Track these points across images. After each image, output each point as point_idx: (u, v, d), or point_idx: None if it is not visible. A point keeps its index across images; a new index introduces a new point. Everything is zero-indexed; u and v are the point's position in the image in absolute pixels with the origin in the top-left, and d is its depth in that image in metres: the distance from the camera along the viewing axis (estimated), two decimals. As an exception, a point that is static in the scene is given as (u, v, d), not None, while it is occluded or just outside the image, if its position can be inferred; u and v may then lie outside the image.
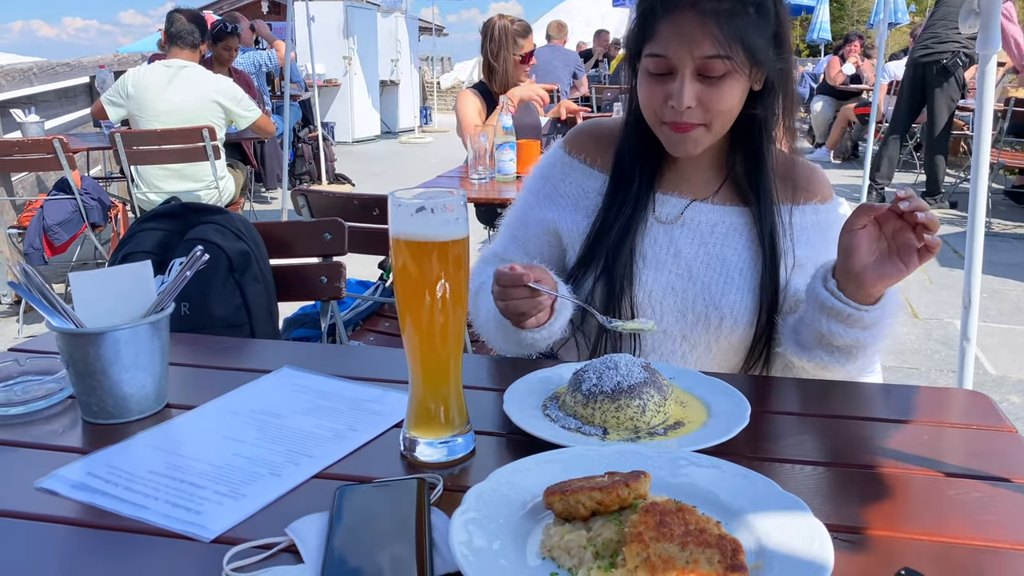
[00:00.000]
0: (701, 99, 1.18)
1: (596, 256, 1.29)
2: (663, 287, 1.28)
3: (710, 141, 1.24)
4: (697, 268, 1.28)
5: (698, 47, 1.14)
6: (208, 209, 1.68)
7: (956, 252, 5.54)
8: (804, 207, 1.31)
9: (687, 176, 1.33)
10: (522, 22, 3.65)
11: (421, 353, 0.92)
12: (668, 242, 1.29)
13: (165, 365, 1.08)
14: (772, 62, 1.20)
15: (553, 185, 1.39)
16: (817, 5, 16.83)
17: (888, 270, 1.08)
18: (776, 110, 1.26)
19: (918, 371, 3.54)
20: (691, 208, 1.30)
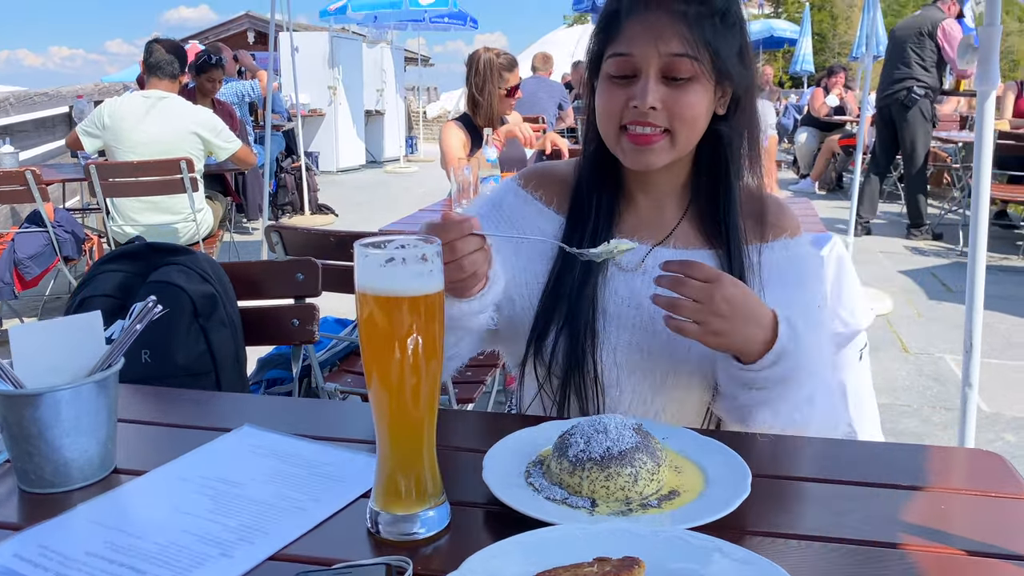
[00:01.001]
0: (666, 102, 1.11)
1: (558, 308, 1.18)
2: (627, 345, 1.18)
3: (672, 155, 1.15)
4: (660, 321, 1.16)
5: (666, 43, 1.09)
6: (173, 249, 1.59)
7: (944, 284, 5.52)
8: (773, 244, 1.22)
9: (647, 218, 1.24)
10: (508, 55, 3.60)
11: (390, 416, 0.84)
12: (629, 294, 1.19)
13: (112, 427, 0.99)
14: (738, 75, 1.15)
15: (504, 216, 1.27)
16: (800, 38, 17.04)
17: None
18: (741, 133, 1.19)
19: (911, 408, 3.48)
20: (652, 254, 1.21)
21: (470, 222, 0.96)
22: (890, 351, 4.20)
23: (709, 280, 1.02)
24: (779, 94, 14.88)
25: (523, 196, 1.27)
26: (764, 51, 20.42)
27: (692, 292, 1.02)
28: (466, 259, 0.96)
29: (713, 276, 1.02)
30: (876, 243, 6.90)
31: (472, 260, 0.97)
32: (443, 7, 13.11)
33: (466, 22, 14.29)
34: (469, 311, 1.04)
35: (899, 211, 8.28)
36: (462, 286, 1.00)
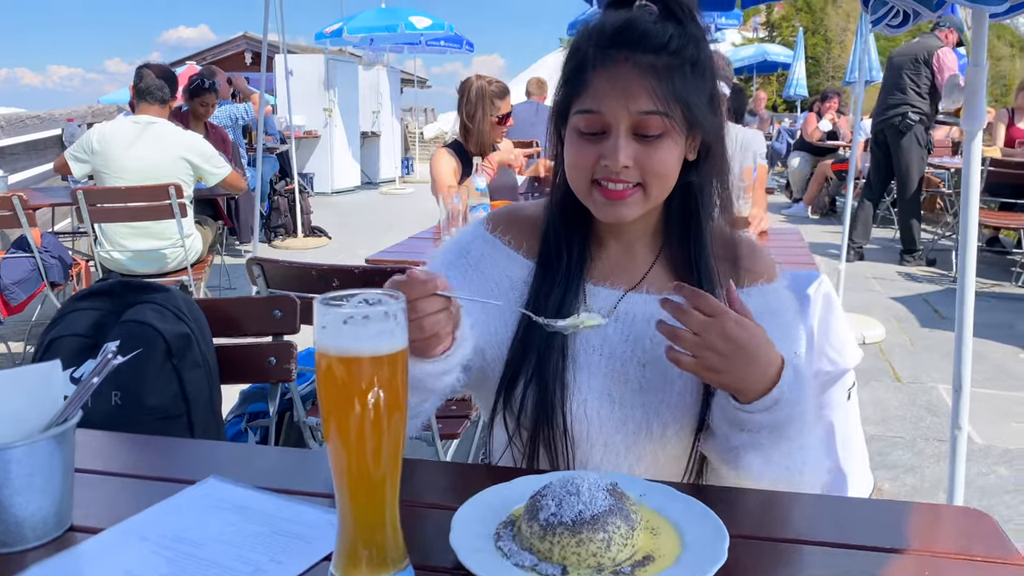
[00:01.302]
0: (637, 159, 1.08)
1: (527, 358, 1.14)
2: (599, 394, 1.13)
3: (645, 208, 1.13)
4: (633, 369, 1.14)
5: (635, 101, 1.06)
6: (147, 287, 1.56)
7: (936, 311, 5.51)
8: (749, 290, 1.18)
9: (618, 263, 1.20)
10: (500, 83, 3.60)
11: (349, 476, 0.81)
12: (601, 341, 1.15)
13: (69, 483, 0.95)
14: (708, 123, 1.12)
15: (472, 263, 1.22)
16: (793, 62, 17.15)
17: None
18: (712, 181, 1.17)
19: (903, 439, 3.44)
20: (625, 300, 1.17)
21: (435, 282, 0.93)
22: (882, 380, 4.18)
23: (713, 314, 0.99)
24: (772, 118, 14.96)
25: (491, 241, 1.23)
26: (758, 75, 20.52)
27: (693, 324, 1.00)
28: (427, 319, 0.93)
29: (718, 311, 1.00)
30: (869, 269, 6.89)
31: (433, 321, 0.94)
32: (439, 30, 13.17)
33: (462, 45, 14.36)
34: (432, 372, 1.00)
35: (892, 237, 8.29)
36: (423, 346, 0.96)
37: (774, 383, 1.02)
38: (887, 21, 1.80)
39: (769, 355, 1.02)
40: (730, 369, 1.00)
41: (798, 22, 30.97)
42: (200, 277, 4.22)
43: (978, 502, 2.88)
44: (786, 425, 1.04)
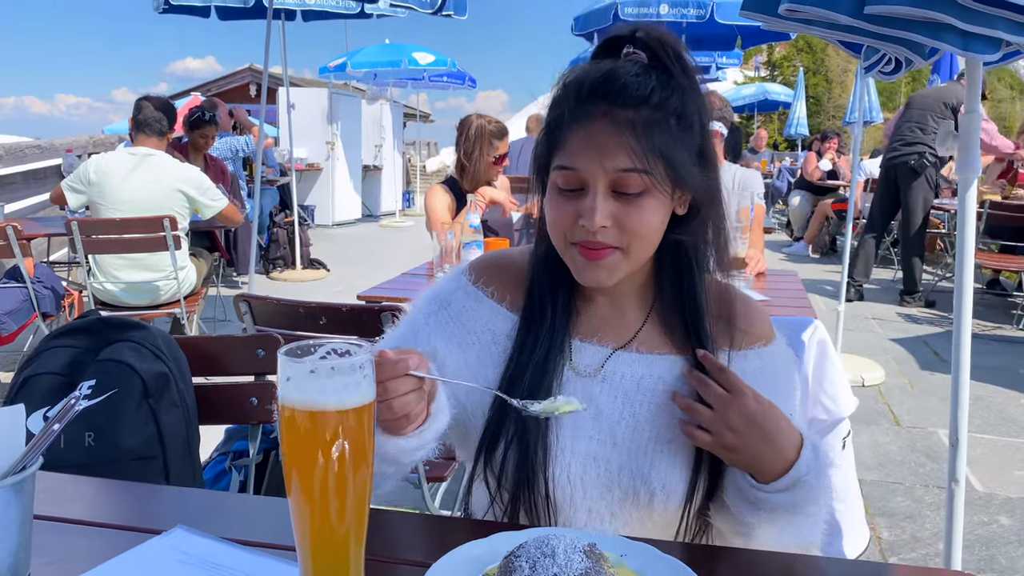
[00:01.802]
0: (617, 218, 1.02)
1: (508, 417, 1.08)
2: (583, 457, 1.08)
3: (627, 269, 1.07)
4: (621, 433, 1.08)
5: (612, 159, 1.00)
6: (127, 325, 1.53)
7: (936, 354, 5.46)
8: (746, 353, 1.12)
9: (606, 319, 1.14)
10: (499, 123, 3.60)
11: (312, 533, 0.77)
12: (587, 401, 1.07)
13: (26, 532, 0.91)
14: (697, 181, 1.05)
15: (452, 315, 1.16)
16: (794, 101, 17.27)
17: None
18: (705, 236, 1.10)
19: (902, 486, 3.38)
20: (613, 358, 1.12)
21: (405, 362, 0.90)
22: (881, 424, 4.12)
23: (731, 390, 0.97)
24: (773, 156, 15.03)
25: (473, 293, 1.17)
26: (759, 113, 20.68)
27: (711, 397, 0.98)
28: (396, 401, 0.90)
29: (736, 387, 0.98)
30: (868, 309, 6.86)
31: (403, 402, 0.91)
32: (442, 66, 13.31)
33: (464, 81, 14.50)
34: (405, 447, 0.97)
35: (892, 277, 8.27)
36: (393, 426, 0.94)
37: (792, 463, 0.99)
38: (880, 68, 1.79)
39: (788, 434, 1.00)
40: (745, 448, 0.98)
41: (799, 62, 31.30)
42: (193, 309, 4.20)
43: (979, 552, 2.81)
44: (804, 504, 1.01)
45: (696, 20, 6.96)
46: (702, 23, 6.99)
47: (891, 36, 1.47)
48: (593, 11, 7.21)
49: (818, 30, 1.62)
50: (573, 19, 7.44)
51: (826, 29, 1.59)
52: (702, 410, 0.99)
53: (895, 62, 1.74)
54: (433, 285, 1.23)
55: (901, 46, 1.56)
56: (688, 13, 6.90)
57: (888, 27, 1.45)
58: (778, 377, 1.13)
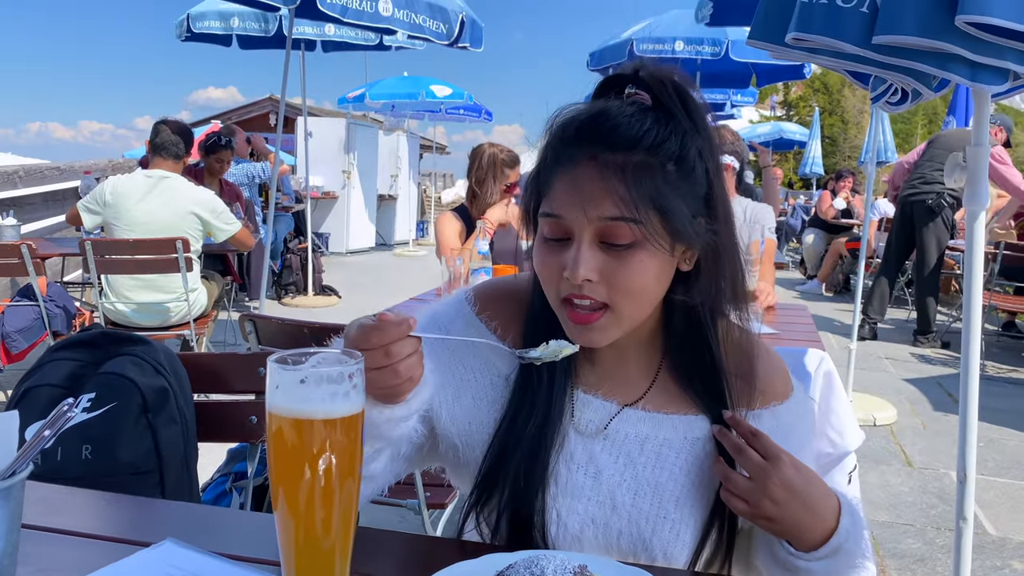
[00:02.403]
0: (603, 272, 0.94)
1: (503, 471, 1.01)
2: (580, 517, 1.01)
3: (620, 330, 0.98)
4: (622, 496, 1.01)
5: (597, 207, 0.92)
6: (129, 339, 1.53)
7: (950, 395, 5.39)
8: (760, 412, 1.04)
9: (610, 373, 1.06)
10: (511, 152, 3.62)
11: (297, 546, 0.76)
12: (587, 460, 1.02)
13: (13, 541, 0.90)
14: (699, 234, 0.96)
15: (451, 346, 1.08)
16: (809, 140, 17.30)
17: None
18: (718, 289, 1.01)
19: (913, 527, 3.32)
20: (620, 417, 1.04)
21: (407, 323, 0.86)
22: (893, 464, 4.06)
23: (768, 457, 0.93)
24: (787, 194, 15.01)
25: (475, 324, 1.10)
26: (774, 152, 20.72)
27: (749, 467, 0.94)
28: (402, 363, 0.86)
29: (773, 454, 0.93)
30: (881, 349, 6.79)
31: (408, 365, 0.87)
32: (459, 99, 13.45)
33: (481, 114, 14.64)
34: (391, 417, 0.92)
35: (906, 317, 8.20)
36: (396, 391, 0.89)
37: (832, 530, 0.95)
38: (887, 98, 1.79)
39: (826, 500, 0.96)
40: (784, 517, 0.94)
41: (815, 102, 31.42)
42: (203, 332, 4.21)
43: (991, 597, 2.75)
44: (844, 570, 0.97)
45: (711, 57, 7.01)
46: (717, 60, 7.03)
47: (898, 66, 1.48)
48: (609, 47, 7.28)
49: (824, 59, 1.62)
50: (589, 54, 7.51)
51: (832, 58, 1.60)
52: (739, 480, 0.94)
53: (902, 92, 1.74)
54: (433, 307, 1.16)
55: (908, 76, 1.56)
56: (703, 50, 6.95)
57: (895, 57, 1.45)
58: (792, 431, 1.06)
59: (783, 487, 0.92)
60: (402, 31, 5.28)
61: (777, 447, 0.95)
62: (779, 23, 1.58)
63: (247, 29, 6.84)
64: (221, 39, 7.17)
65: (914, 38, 1.39)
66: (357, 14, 4.76)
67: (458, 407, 1.07)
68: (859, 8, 1.45)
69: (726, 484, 0.96)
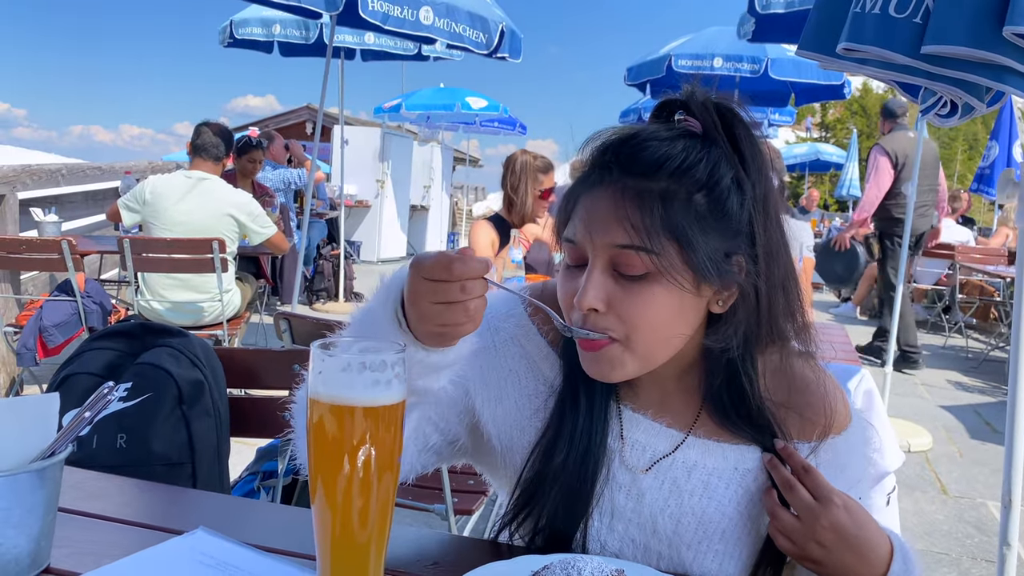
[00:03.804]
0: (613, 304, 0.89)
1: (542, 498, 0.97)
2: (620, 538, 0.98)
3: (636, 367, 0.92)
4: (663, 523, 0.97)
5: (605, 233, 0.88)
6: (167, 331, 1.54)
7: (988, 424, 5.28)
8: (817, 445, 0.99)
9: (652, 397, 1.01)
10: (544, 159, 3.63)
11: (333, 537, 0.75)
12: (630, 481, 0.97)
13: (50, 521, 0.91)
14: (730, 274, 0.90)
15: (498, 344, 1.03)
16: (847, 163, 17.14)
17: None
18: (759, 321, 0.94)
19: (948, 556, 3.24)
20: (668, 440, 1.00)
21: (486, 263, 0.81)
22: (928, 492, 3.97)
23: (819, 498, 0.89)
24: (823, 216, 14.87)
25: (525, 325, 1.05)
26: (810, 173, 20.56)
27: (798, 506, 0.90)
28: (473, 302, 0.81)
29: (824, 495, 0.89)
30: (917, 375, 6.66)
31: (477, 305, 0.81)
32: (494, 111, 13.49)
33: (515, 127, 14.67)
34: (433, 364, 0.86)
35: (942, 343, 8.05)
36: (458, 332, 0.83)
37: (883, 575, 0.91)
38: (936, 111, 1.75)
39: (878, 544, 0.92)
40: (832, 562, 0.90)
41: (852, 125, 31.13)
42: (235, 333, 4.24)
43: (1029, 631, 2.67)
44: None
45: (750, 75, 6.96)
46: (756, 78, 6.98)
47: (951, 77, 1.44)
48: (647, 62, 7.27)
49: (873, 70, 1.59)
50: (627, 69, 7.50)
51: (882, 69, 1.57)
52: (788, 520, 0.90)
53: (951, 105, 1.70)
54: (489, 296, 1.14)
55: (958, 88, 1.52)
56: (742, 68, 6.91)
57: (948, 68, 1.42)
58: (849, 463, 1.01)
59: (832, 530, 0.89)
60: (441, 41, 5.31)
61: (829, 487, 0.90)
62: (830, 34, 1.56)
63: (288, 36, 6.93)
64: (263, 46, 7.26)
65: (963, 48, 1.36)
66: (398, 22, 4.80)
67: (500, 409, 1.03)
68: (912, 19, 1.42)
69: (772, 521, 0.93)
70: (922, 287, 8.73)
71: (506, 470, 1.05)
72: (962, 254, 7.55)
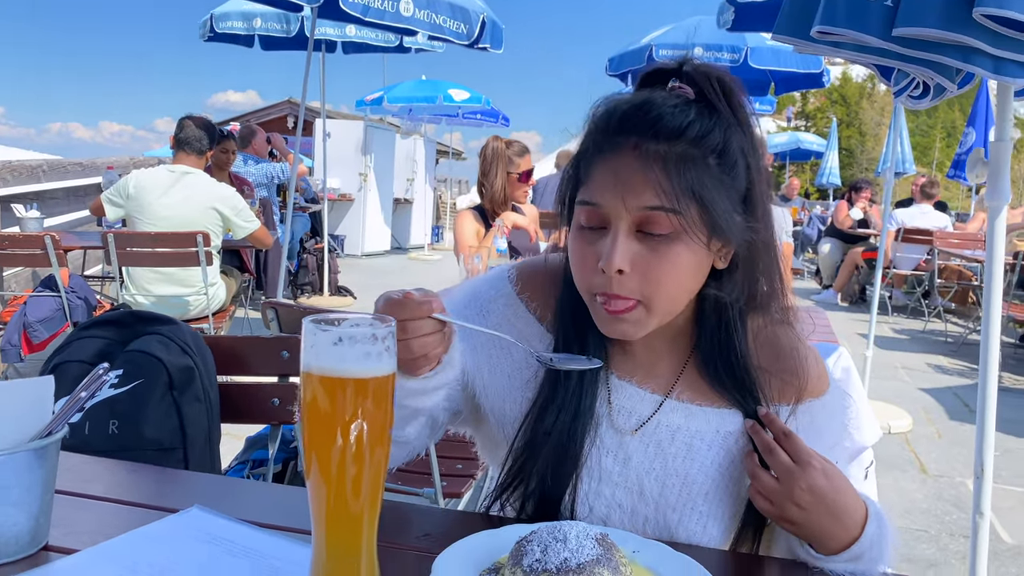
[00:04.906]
0: (638, 264, 0.93)
1: (532, 463, 1.02)
2: (607, 501, 1.02)
3: (654, 323, 0.98)
4: (649, 485, 1.02)
5: (636, 196, 0.92)
6: (156, 319, 1.56)
7: (966, 405, 5.36)
8: (796, 408, 1.04)
9: (642, 363, 1.06)
10: (518, 143, 3.65)
11: (327, 508, 0.78)
12: (617, 446, 1.02)
13: (48, 499, 0.93)
14: (738, 230, 0.96)
15: (490, 326, 1.07)
16: (826, 151, 17.26)
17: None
18: (752, 289, 1.02)
19: (927, 534, 3.30)
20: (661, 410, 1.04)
21: (430, 304, 0.87)
22: (908, 471, 4.04)
23: (798, 461, 0.93)
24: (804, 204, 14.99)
25: (515, 304, 1.11)
26: (791, 163, 20.69)
27: (777, 468, 0.94)
28: (415, 341, 0.87)
29: (803, 458, 0.93)
30: (897, 358, 6.76)
31: (422, 343, 0.88)
32: (476, 103, 13.48)
33: (498, 119, 14.67)
34: (412, 389, 0.93)
35: (922, 327, 8.15)
36: (410, 365, 0.90)
37: (856, 537, 0.95)
38: (909, 92, 1.79)
39: (853, 507, 0.95)
40: (809, 522, 0.94)
41: (832, 114, 31.33)
42: (221, 326, 4.25)
43: (1006, 603, 2.73)
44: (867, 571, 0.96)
45: (730, 64, 6.99)
46: (736, 67, 7.01)
47: (920, 59, 1.48)
48: (628, 52, 7.29)
49: (847, 52, 1.63)
50: (608, 59, 7.53)
51: (855, 52, 1.61)
52: (768, 481, 0.94)
53: (924, 87, 1.74)
54: (474, 283, 1.16)
55: (930, 69, 1.56)
56: (722, 57, 6.94)
57: (918, 50, 1.46)
58: (826, 428, 1.06)
59: (810, 492, 0.92)
60: (422, 32, 5.32)
61: (808, 451, 0.94)
62: (804, 17, 1.60)
63: (269, 30, 6.90)
64: (244, 40, 7.23)
65: (934, 30, 1.40)
66: (379, 13, 4.80)
67: (492, 381, 1.08)
68: (883, 1, 1.46)
69: (753, 482, 0.96)
70: (902, 273, 8.85)
71: (499, 444, 1.09)
72: (940, 240, 7.65)
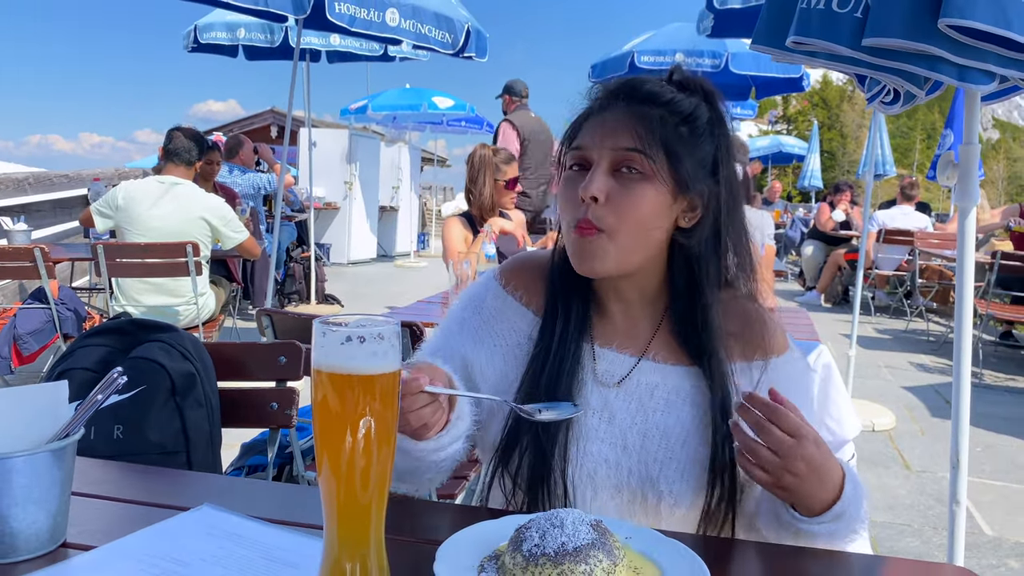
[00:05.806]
0: (612, 196, 1.09)
1: (525, 422, 1.11)
2: (594, 458, 1.13)
3: (615, 257, 1.11)
4: (632, 439, 1.13)
5: (615, 139, 1.10)
6: (157, 327, 1.60)
7: (948, 402, 5.45)
8: (752, 364, 1.16)
9: (622, 328, 1.20)
10: (505, 151, 3.70)
11: (338, 500, 0.82)
12: (602, 406, 1.15)
13: (65, 498, 0.97)
14: (705, 188, 1.12)
15: (485, 320, 1.24)
16: (808, 154, 17.44)
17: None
18: (718, 250, 1.15)
19: (911, 528, 3.38)
20: (637, 368, 1.17)
21: (418, 381, 0.97)
22: (891, 468, 4.12)
23: (792, 435, 0.98)
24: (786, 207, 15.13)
25: (502, 296, 1.25)
26: (773, 166, 20.87)
27: (773, 443, 0.99)
28: (412, 415, 0.99)
29: (797, 432, 0.99)
30: (880, 357, 6.86)
31: (419, 416, 0.99)
32: (460, 111, 13.54)
33: (483, 126, 14.73)
34: (426, 449, 1.05)
35: (904, 327, 8.27)
36: (415, 434, 1.02)
37: (836, 498, 1.02)
38: (880, 98, 1.87)
39: (835, 472, 1.02)
40: (800, 488, 1.00)
41: (814, 117, 31.61)
42: (210, 335, 4.27)
43: (987, 593, 2.80)
44: (844, 532, 1.04)
45: (711, 70, 7.09)
46: (717, 72, 7.11)
47: (889, 67, 1.56)
48: (610, 59, 7.38)
49: (821, 61, 1.70)
50: (591, 66, 7.61)
51: (828, 60, 1.68)
52: (764, 453, 0.99)
53: (895, 93, 1.81)
54: (468, 290, 1.32)
55: (898, 77, 1.64)
56: (703, 63, 7.04)
57: (886, 59, 1.53)
58: (794, 387, 1.12)
59: (805, 461, 0.99)
60: (407, 41, 5.36)
61: (797, 423, 0.99)
62: (780, 28, 1.67)
63: (253, 40, 6.93)
64: (227, 50, 7.25)
65: (900, 40, 1.48)
66: (365, 24, 4.85)
67: (490, 368, 1.21)
68: (853, 13, 1.53)
69: (749, 455, 1.01)
70: (884, 273, 8.97)
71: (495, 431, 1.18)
72: (920, 240, 7.77)
